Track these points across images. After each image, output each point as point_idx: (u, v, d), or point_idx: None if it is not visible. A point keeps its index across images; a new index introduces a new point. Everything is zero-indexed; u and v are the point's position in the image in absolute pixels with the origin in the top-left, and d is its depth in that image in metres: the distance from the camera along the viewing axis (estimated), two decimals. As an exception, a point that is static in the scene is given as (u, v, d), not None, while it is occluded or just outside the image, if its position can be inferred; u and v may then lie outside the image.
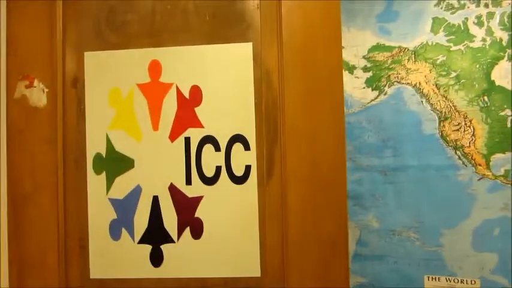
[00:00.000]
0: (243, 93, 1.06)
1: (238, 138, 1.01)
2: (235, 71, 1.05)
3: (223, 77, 1.04)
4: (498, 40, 2.50)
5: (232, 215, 1.02)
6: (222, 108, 0.99)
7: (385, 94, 2.73)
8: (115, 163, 1.03)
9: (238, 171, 1.05)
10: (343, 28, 2.66)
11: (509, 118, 2.47)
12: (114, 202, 0.99)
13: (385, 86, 2.73)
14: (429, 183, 2.62)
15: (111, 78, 1.06)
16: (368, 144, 2.78)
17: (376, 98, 2.77)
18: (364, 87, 2.80)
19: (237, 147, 1.03)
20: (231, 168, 1.01)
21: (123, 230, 1.02)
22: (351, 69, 2.81)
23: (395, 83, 2.71)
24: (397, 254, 2.69)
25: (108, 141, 1.07)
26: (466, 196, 2.55)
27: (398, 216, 2.71)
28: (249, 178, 1.06)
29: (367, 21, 2.78)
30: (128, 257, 1.03)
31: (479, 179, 2.53)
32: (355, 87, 2.81)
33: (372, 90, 2.78)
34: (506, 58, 2.48)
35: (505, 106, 2.48)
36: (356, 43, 2.80)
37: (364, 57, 2.79)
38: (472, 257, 2.54)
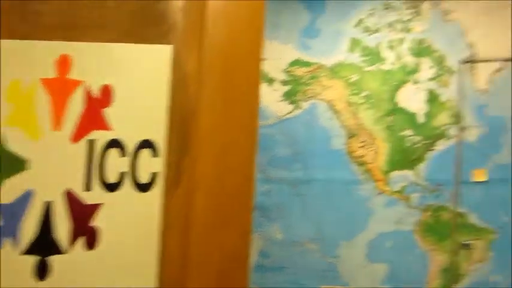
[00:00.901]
0: (157, 97, 1.03)
1: (147, 144, 0.97)
2: (151, 73, 1.01)
3: (137, 79, 0.99)
4: (405, 65, 2.69)
5: (133, 224, 0.99)
6: (133, 111, 0.95)
7: (300, 108, 2.82)
8: (5, 164, 0.94)
9: (144, 179, 1.01)
10: (267, 40, 2.70)
11: (408, 138, 2.66)
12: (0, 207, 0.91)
13: (301, 100, 2.82)
14: (333, 197, 2.76)
15: (13, 70, 0.97)
16: (279, 156, 2.86)
17: (291, 111, 2.85)
18: (281, 100, 2.87)
19: (145, 153, 0.99)
20: (136, 175, 0.97)
21: (7, 238, 0.93)
22: (270, 81, 2.87)
23: (311, 98, 2.80)
24: (297, 265, 2.79)
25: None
26: (364, 210, 2.72)
27: (302, 228, 2.81)
28: (155, 186, 1.02)
29: (291, 36, 2.85)
30: (10, 269, 0.95)
31: (378, 194, 2.70)
32: (272, 100, 2.87)
33: (289, 103, 2.86)
34: (410, 82, 2.68)
35: (406, 127, 2.67)
36: (278, 56, 2.86)
37: (284, 70, 2.87)
38: (365, 268, 2.71)
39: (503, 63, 2.61)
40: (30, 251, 1.02)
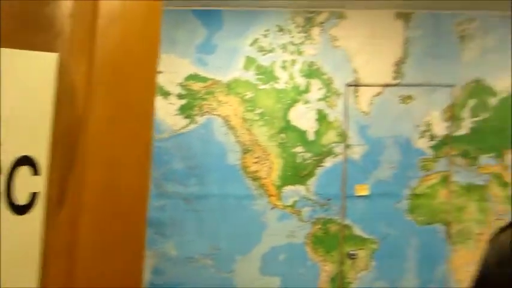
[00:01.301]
0: (40, 109, 0.93)
1: (26, 161, 0.87)
2: (34, 82, 0.92)
3: (18, 88, 0.89)
4: (297, 85, 2.82)
5: (9, 252, 0.87)
6: (11, 124, 0.84)
7: (196, 123, 2.80)
8: None
9: (22, 200, 0.90)
10: (163, 53, 2.66)
11: (300, 154, 2.78)
12: None
13: (197, 115, 2.80)
14: (228, 212, 2.77)
15: None
16: (175, 171, 2.81)
17: (187, 125, 2.83)
18: (176, 114, 2.83)
19: (24, 171, 0.88)
20: (12, 195, 0.86)
21: None
22: (166, 94, 2.82)
23: (206, 113, 2.80)
24: (192, 281, 2.75)
25: None
26: (259, 224, 2.77)
27: (197, 243, 2.78)
28: (35, 207, 0.92)
29: (187, 50, 2.84)
30: None
31: (271, 209, 2.77)
32: (168, 113, 2.82)
33: (184, 117, 2.83)
34: (301, 102, 2.81)
35: (297, 144, 2.79)
36: (174, 70, 2.82)
37: (180, 84, 2.84)
38: (259, 281, 2.75)
39: (382, 88, 2.86)
40: None
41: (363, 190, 2.81)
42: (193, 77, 2.83)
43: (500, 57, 2.92)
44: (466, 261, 2.89)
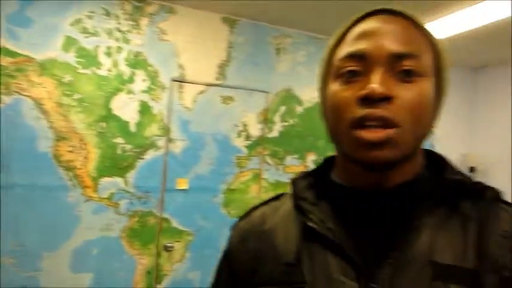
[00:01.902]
0: None
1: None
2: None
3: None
4: (121, 74, 2.73)
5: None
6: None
7: (2, 103, 2.46)
8: None
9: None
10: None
11: (120, 146, 2.69)
12: None
13: (3, 94, 2.46)
14: (36, 204, 2.50)
15: None
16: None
17: (-10, 105, 2.45)
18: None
19: None
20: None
21: None
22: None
23: (15, 93, 2.49)
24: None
25: None
26: (71, 218, 2.58)
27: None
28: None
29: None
30: None
31: (85, 201, 2.60)
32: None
33: (-13, 95, 2.45)
34: (125, 91, 2.73)
35: (118, 134, 2.69)
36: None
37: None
38: (69, 280, 2.55)
39: (206, 86, 2.98)
40: None
41: (182, 184, 2.87)
42: (2, 51, 2.48)
43: (307, 71, 3.35)
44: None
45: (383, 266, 0.59)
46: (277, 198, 0.79)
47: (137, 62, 2.79)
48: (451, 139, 3.84)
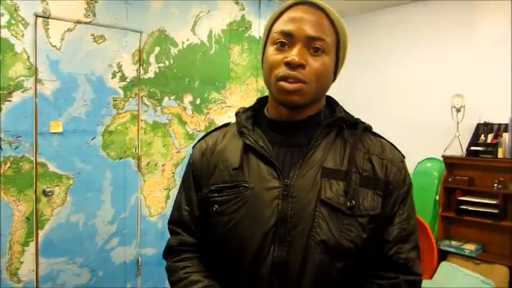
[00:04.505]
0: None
1: None
2: None
3: None
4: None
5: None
6: None
7: None
8: None
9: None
10: None
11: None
12: None
13: None
14: None
15: None
16: None
17: None
18: None
19: None
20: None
21: None
22: None
23: None
24: None
25: None
26: None
27: None
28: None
29: None
30: None
31: None
32: None
33: None
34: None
35: None
36: None
37: None
38: None
39: (74, 24, 2.83)
40: None
41: (56, 127, 2.76)
42: None
43: (180, 12, 3.39)
44: (154, 188, 3.30)
45: (293, 169, 0.95)
46: (224, 126, 1.13)
47: (-8, -7, 2.52)
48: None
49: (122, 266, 3.14)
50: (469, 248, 3.41)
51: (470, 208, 3.44)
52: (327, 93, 1.04)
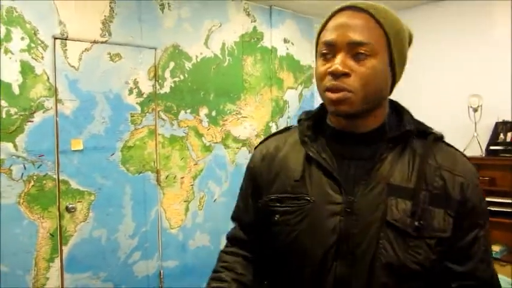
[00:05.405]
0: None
1: None
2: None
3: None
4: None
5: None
6: None
7: None
8: None
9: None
10: None
11: (4, 109, 2.57)
12: None
13: None
14: None
15: None
16: None
17: None
18: None
19: None
20: None
21: None
22: None
23: None
24: None
25: None
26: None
27: None
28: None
29: None
30: None
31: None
32: None
33: None
34: (3, 51, 2.57)
35: (1, 98, 2.56)
36: None
37: None
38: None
39: (90, 44, 2.92)
40: None
41: (77, 144, 2.84)
42: None
43: (192, 28, 3.46)
44: (174, 201, 3.35)
45: (358, 185, 0.92)
46: (285, 130, 1.12)
47: (12, 18, 2.62)
48: None
49: (144, 279, 3.18)
50: (494, 249, 3.35)
51: (493, 209, 3.39)
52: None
